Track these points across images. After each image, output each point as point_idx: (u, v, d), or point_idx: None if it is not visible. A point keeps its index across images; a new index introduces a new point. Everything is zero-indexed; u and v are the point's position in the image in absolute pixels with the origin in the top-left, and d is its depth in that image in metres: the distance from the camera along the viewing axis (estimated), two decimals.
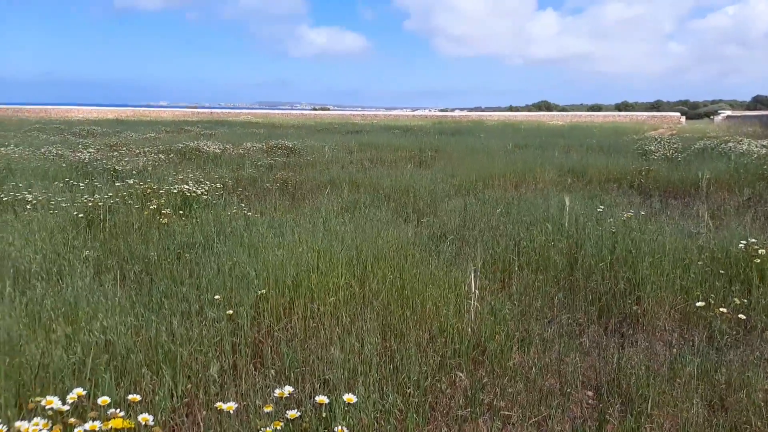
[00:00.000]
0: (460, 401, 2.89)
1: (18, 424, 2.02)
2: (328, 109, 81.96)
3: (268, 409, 2.18)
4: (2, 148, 12.56)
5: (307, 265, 4.01)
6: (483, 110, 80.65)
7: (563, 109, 77.82)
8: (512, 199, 7.53)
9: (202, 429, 2.60)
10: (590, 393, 3.19)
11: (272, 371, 3.02)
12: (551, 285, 4.52)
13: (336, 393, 2.54)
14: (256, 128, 27.27)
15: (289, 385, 2.46)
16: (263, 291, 3.77)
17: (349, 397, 2.20)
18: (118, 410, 2.15)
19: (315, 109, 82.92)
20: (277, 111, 58.64)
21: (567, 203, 5.82)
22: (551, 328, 3.83)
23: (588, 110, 71.13)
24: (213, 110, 56.35)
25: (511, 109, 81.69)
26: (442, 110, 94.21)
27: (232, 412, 2.23)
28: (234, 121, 38.58)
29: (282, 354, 3.16)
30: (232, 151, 13.63)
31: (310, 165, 12.05)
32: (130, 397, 2.23)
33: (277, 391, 2.24)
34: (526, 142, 17.55)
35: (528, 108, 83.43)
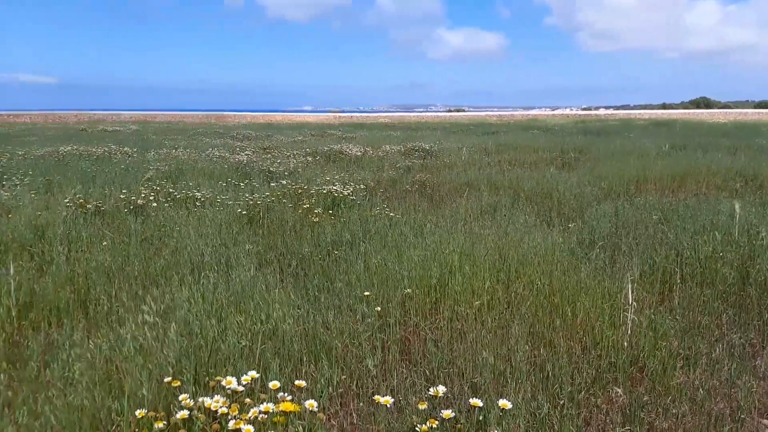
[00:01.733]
0: (618, 418, 2.73)
1: (202, 399, 2.27)
2: (463, 110, 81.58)
3: (422, 406, 2.22)
4: (174, 151, 14.15)
5: (451, 267, 4.03)
6: (632, 108, 75.33)
7: (725, 105, 70.19)
8: (670, 205, 6.94)
9: (355, 419, 2.73)
10: (766, 422, 2.86)
11: (423, 369, 3.08)
12: (719, 300, 4.11)
13: (486, 397, 2.52)
14: (393, 131, 27.92)
15: (437, 384, 2.50)
16: (409, 290, 3.86)
17: (504, 403, 2.18)
18: (285, 394, 2.32)
19: (450, 111, 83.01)
20: (412, 113, 59.62)
21: (737, 210, 5.24)
22: (720, 347, 3.49)
23: (755, 107, 63.40)
24: (352, 114, 58.75)
25: (664, 106, 75.36)
26: (584, 109, 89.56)
27: (389, 405, 2.30)
28: (372, 124, 39.88)
29: (430, 353, 3.21)
30: (372, 154, 14.10)
31: (447, 167, 12.08)
32: (296, 382, 2.40)
33: (432, 390, 2.28)
34: (684, 143, 16.09)
35: (684, 105, 76.38)
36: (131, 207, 6.83)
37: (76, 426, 2.43)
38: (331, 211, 6.75)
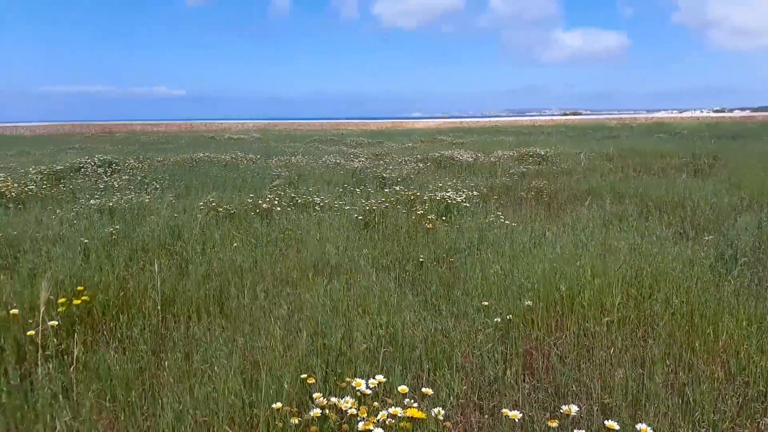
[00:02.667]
0: None
1: (333, 399, 2.35)
2: (580, 114, 78.13)
3: (552, 424, 2.14)
4: (293, 158, 14.87)
5: (579, 280, 3.86)
6: None
7: None
8: None
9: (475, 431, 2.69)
10: None
11: (546, 385, 2.97)
12: None
13: (619, 420, 2.38)
14: (504, 135, 27.38)
15: (564, 402, 2.40)
16: (530, 302, 3.75)
17: (644, 428, 2.04)
18: (411, 400, 2.34)
19: (565, 114, 79.82)
20: (525, 118, 58.10)
21: None
22: None
23: None
24: (462, 119, 58.38)
25: None
26: (716, 111, 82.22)
27: (516, 420, 2.25)
28: (482, 129, 39.36)
29: (555, 369, 3.10)
30: (484, 160, 13.91)
31: (564, 173, 11.63)
32: (423, 390, 2.41)
33: (564, 408, 2.19)
34: None
35: None
36: (257, 210, 7.27)
37: (214, 414, 2.62)
38: (444, 218, 6.75)
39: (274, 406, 2.37)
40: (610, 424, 2.11)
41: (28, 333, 3.28)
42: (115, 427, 2.67)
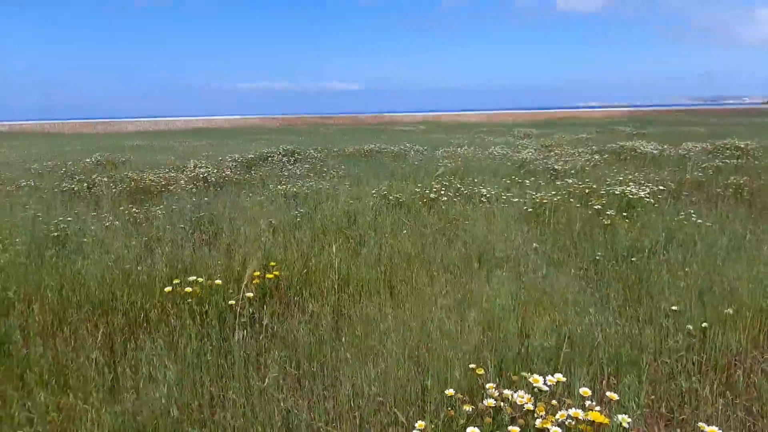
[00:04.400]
0: None
1: (507, 392, 2.29)
2: None
3: None
4: (459, 149, 14.87)
5: None
6: None
7: None
8: None
9: None
10: None
11: (743, 403, 2.62)
12: None
13: None
14: (693, 126, 24.58)
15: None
16: (730, 310, 3.32)
17: None
18: (593, 403, 2.20)
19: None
20: (717, 106, 51.62)
21: None
22: None
23: None
24: (641, 108, 53.66)
25: None
26: None
27: None
28: (666, 119, 35.76)
29: (758, 387, 2.71)
30: (671, 152, 12.63)
31: None
32: (608, 394, 2.26)
33: None
34: None
35: None
36: (424, 200, 7.39)
37: (388, 395, 2.71)
38: (624, 214, 6.25)
39: (446, 392, 2.38)
40: None
41: (229, 302, 3.70)
42: (298, 392, 2.90)
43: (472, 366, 2.62)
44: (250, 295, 3.74)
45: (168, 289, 3.85)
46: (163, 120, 47.10)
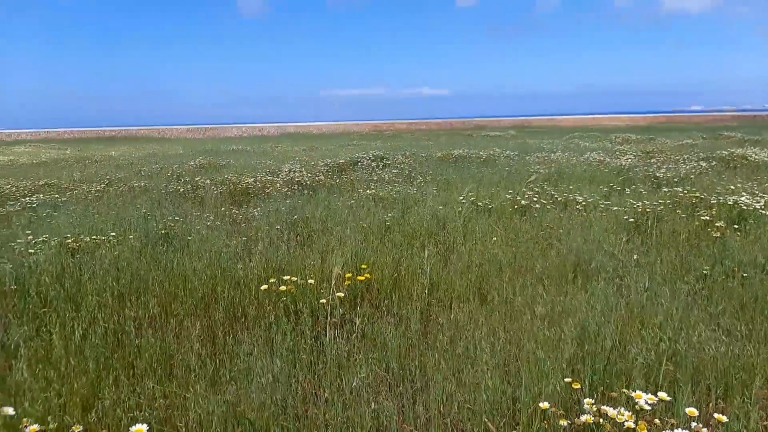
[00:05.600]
0: None
1: (604, 408, 2.19)
2: None
3: None
4: (552, 155, 14.42)
5: None
6: None
7: None
8: None
9: None
10: None
11: None
12: None
13: None
14: None
15: None
16: None
17: None
18: (699, 425, 2.06)
19: None
20: None
21: None
22: None
23: None
24: (754, 113, 49.53)
25: None
26: None
27: None
28: None
29: None
30: None
31: None
32: (716, 416, 2.10)
33: None
34: None
35: None
36: (515, 207, 7.23)
37: (478, 403, 2.67)
38: (736, 226, 5.78)
39: (541, 405, 2.31)
40: None
41: (321, 300, 3.80)
42: (387, 394, 2.92)
43: (567, 380, 2.52)
44: (341, 295, 3.83)
45: (264, 287, 4.02)
46: (257, 126, 49.38)
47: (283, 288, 3.95)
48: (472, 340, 3.31)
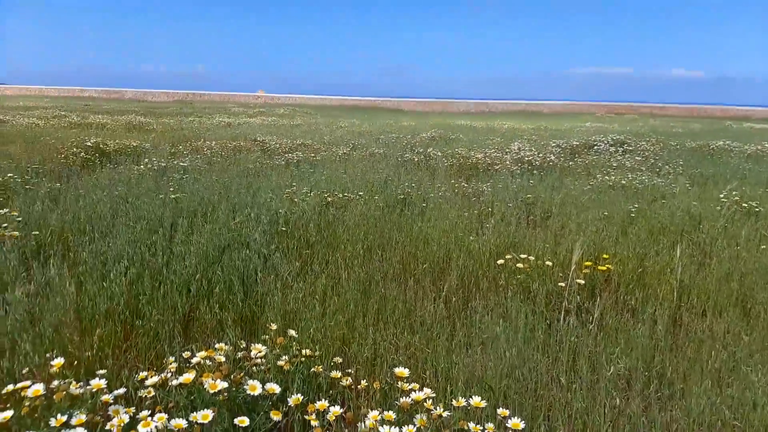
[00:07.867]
0: None
1: None
2: None
3: None
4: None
5: None
6: None
7: None
8: None
9: None
10: None
11: None
12: None
13: None
14: None
15: None
16: None
17: None
18: None
19: None
20: None
21: None
22: None
23: None
24: None
25: None
26: None
27: None
28: None
29: None
30: None
31: None
32: None
33: None
34: None
35: None
36: None
37: (746, 422, 2.36)
38: None
39: None
40: None
41: (560, 284, 3.69)
42: (629, 394, 2.74)
43: None
44: (581, 281, 3.67)
45: (500, 261, 4.05)
46: (486, 102, 49.24)
47: (520, 265, 3.93)
48: (734, 355, 2.92)
